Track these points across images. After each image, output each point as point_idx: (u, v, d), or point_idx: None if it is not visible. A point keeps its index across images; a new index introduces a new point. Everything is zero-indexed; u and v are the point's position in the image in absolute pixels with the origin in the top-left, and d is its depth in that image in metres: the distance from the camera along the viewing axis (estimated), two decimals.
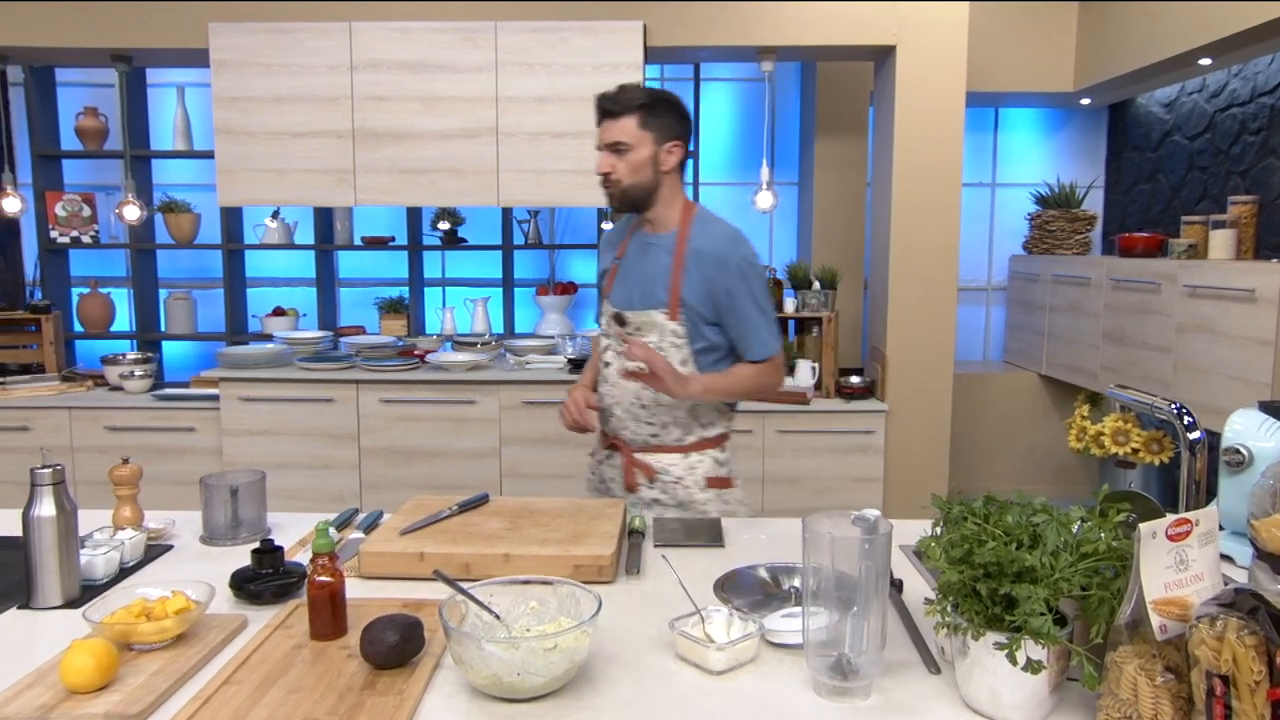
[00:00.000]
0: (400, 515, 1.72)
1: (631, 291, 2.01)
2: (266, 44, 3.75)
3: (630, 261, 2.04)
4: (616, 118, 1.92)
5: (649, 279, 1.98)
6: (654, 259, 1.98)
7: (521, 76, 3.74)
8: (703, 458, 2.04)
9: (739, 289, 1.94)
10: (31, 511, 1.38)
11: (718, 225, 1.99)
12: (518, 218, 4.82)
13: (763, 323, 1.97)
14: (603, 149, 1.96)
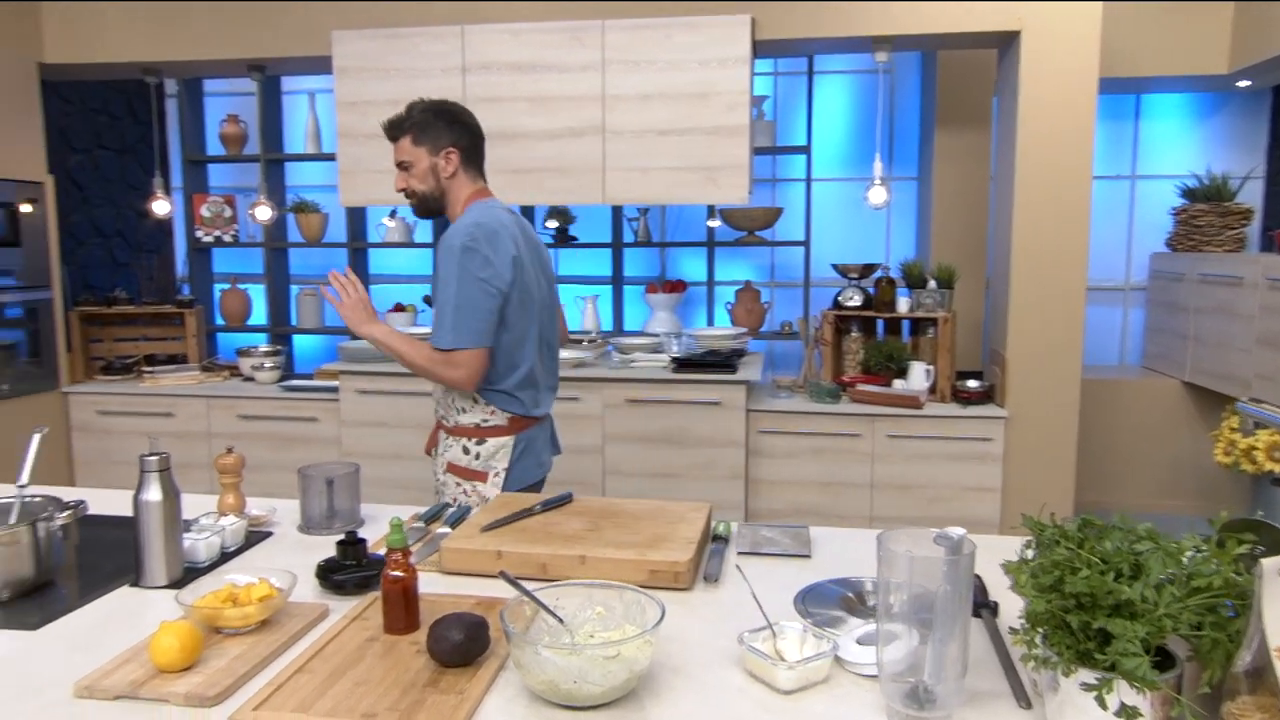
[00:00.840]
0: (485, 512, 1.74)
1: None
2: (384, 49, 3.89)
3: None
4: (396, 140, 2.18)
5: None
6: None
7: (627, 74, 3.74)
8: (454, 442, 2.20)
9: (440, 274, 2.06)
10: (140, 496, 1.46)
11: (470, 214, 2.11)
12: (627, 215, 4.83)
13: (444, 313, 2.03)
14: (397, 168, 2.20)
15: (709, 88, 3.68)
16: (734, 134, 3.70)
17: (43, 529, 1.46)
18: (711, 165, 3.73)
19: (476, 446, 2.17)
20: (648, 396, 3.75)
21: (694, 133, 3.72)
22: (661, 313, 4.72)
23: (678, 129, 3.72)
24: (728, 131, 3.69)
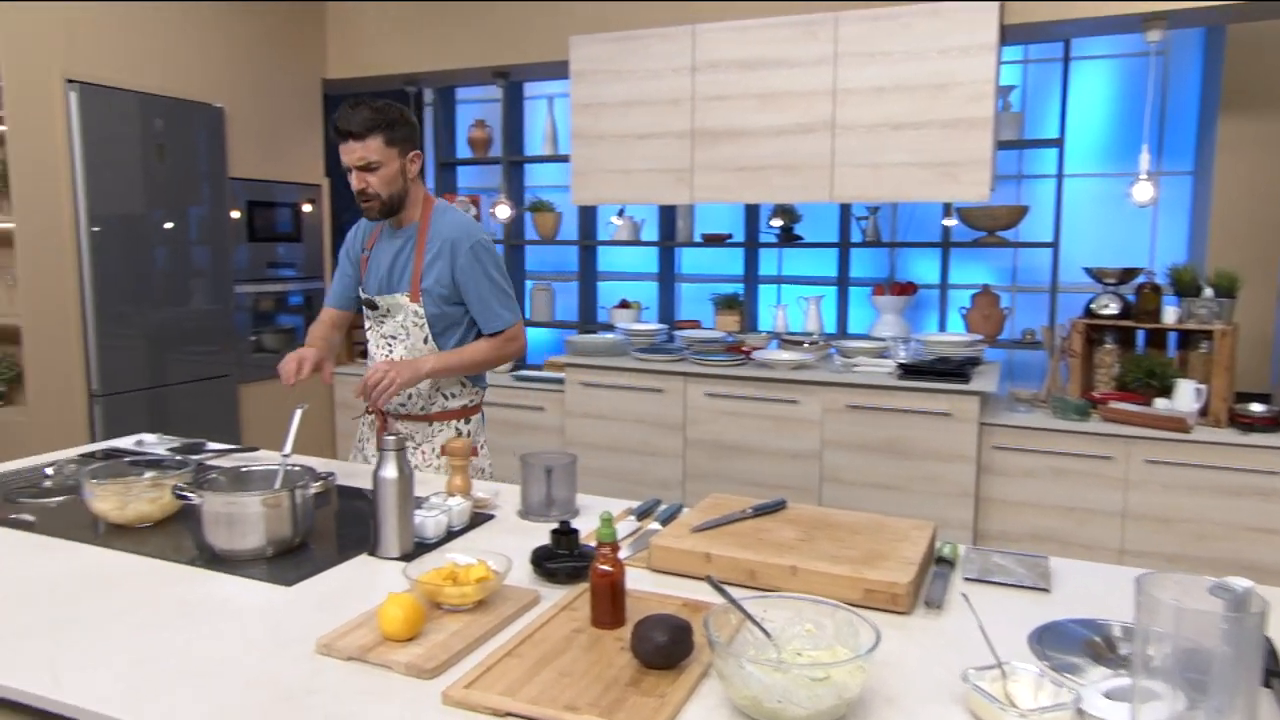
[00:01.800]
0: (696, 512, 1.72)
1: (378, 279, 2.25)
2: (617, 52, 4.00)
3: (378, 253, 2.27)
4: (362, 139, 2.05)
5: (394, 268, 2.23)
6: (398, 250, 2.23)
7: (860, 67, 3.59)
8: (444, 427, 2.28)
9: (473, 269, 2.17)
10: (379, 473, 1.57)
11: (453, 214, 2.23)
12: (856, 214, 4.66)
13: (496, 299, 2.20)
14: (352, 169, 2.09)
15: (949, 78, 3.46)
16: (976, 127, 3.45)
17: (300, 495, 1.61)
18: (949, 161, 3.50)
19: (465, 425, 2.33)
20: (871, 403, 3.59)
21: (931, 126, 3.51)
22: (889, 316, 4.51)
23: (913, 123, 3.53)
24: (968, 124, 3.45)
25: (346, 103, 2.08)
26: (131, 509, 1.72)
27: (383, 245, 2.28)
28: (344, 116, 2.06)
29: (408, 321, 2.22)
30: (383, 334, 2.29)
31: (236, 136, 4.22)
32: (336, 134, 2.08)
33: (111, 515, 1.73)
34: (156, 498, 1.74)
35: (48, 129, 3.41)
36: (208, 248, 4.09)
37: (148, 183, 3.78)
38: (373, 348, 2.33)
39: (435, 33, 4.52)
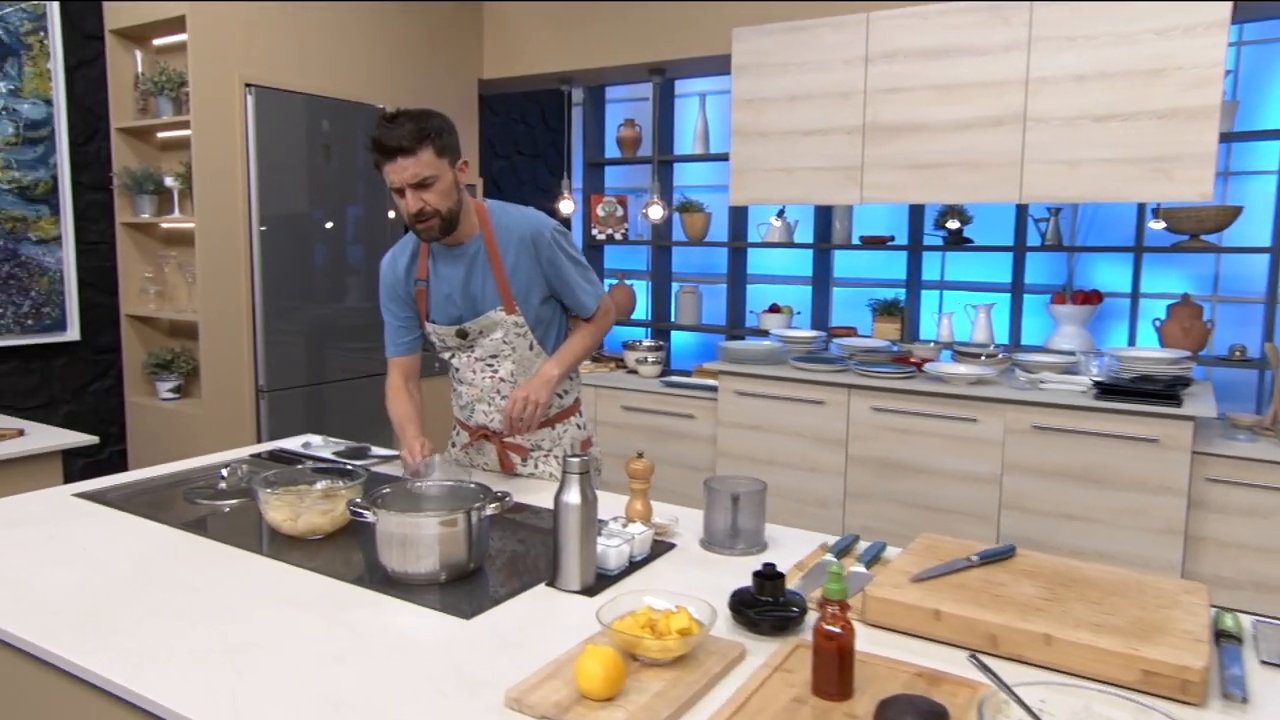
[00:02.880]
0: (908, 555, 1.50)
1: (452, 306, 2.06)
2: (784, 43, 3.78)
3: (440, 280, 2.06)
4: (412, 153, 1.84)
5: (470, 287, 2.04)
6: (467, 268, 2.03)
7: (1057, 53, 3.24)
8: (566, 426, 2.20)
9: (556, 257, 2.04)
10: (561, 497, 1.44)
11: (514, 210, 2.08)
12: (1035, 216, 4.28)
13: (585, 280, 2.10)
14: (405, 189, 1.87)
15: (1167, 62, 3.07)
16: (1197, 117, 3.05)
17: (475, 517, 1.50)
18: (1163, 155, 3.11)
19: (580, 420, 2.25)
20: (1061, 425, 3.24)
21: (1141, 117, 3.13)
22: (1069, 327, 4.11)
23: (1120, 114, 3.16)
24: (1188, 114, 3.06)
25: (381, 118, 1.86)
26: (304, 521, 1.66)
27: (443, 270, 2.05)
28: (385, 133, 1.83)
29: (509, 336, 2.06)
30: (478, 357, 2.10)
31: None
32: (379, 153, 1.84)
33: (284, 526, 1.67)
34: (329, 510, 1.68)
35: (228, 131, 3.51)
36: (365, 246, 4.14)
37: (312, 182, 3.85)
38: (468, 374, 2.13)
39: (591, 30, 4.44)
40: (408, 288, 2.11)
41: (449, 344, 2.12)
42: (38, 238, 3.51)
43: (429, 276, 2.08)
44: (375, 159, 1.87)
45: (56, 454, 2.63)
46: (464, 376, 2.14)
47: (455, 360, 2.15)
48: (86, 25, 3.61)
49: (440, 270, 2.06)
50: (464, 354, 2.11)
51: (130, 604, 1.38)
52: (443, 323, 2.09)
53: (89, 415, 3.72)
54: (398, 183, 1.86)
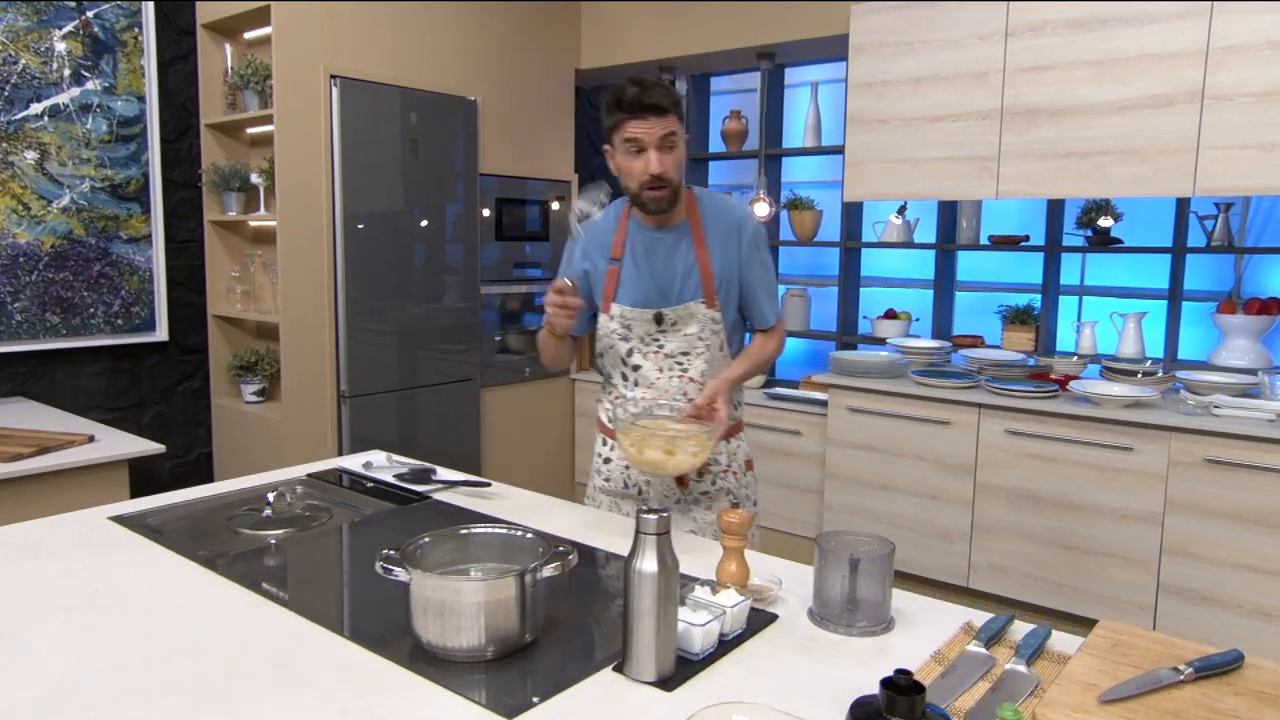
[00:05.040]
0: (1089, 656, 1.14)
1: (654, 289, 1.91)
2: (909, 19, 3.38)
3: (641, 260, 1.91)
4: (665, 114, 1.77)
5: (671, 272, 1.90)
6: (672, 251, 1.90)
7: (1248, 14, 2.74)
8: (739, 441, 2.06)
9: (755, 257, 1.93)
10: (634, 563, 1.14)
11: (720, 198, 1.97)
12: (1199, 213, 3.72)
13: (773, 289, 1.99)
14: (649, 149, 1.77)
15: None
16: None
17: (531, 582, 1.22)
18: None
19: (743, 439, 2.09)
20: (1242, 459, 2.74)
21: None
22: (1240, 340, 3.54)
23: None
24: None
25: (628, 80, 1.78)
26: (647, 455, 1.66)
27: (643, 250, 1.91)
28: (644, 90, 1.75)
29: (705, 331, 1.91)
30: (668, 354, 1.92)
31: (488, 131, 4.06)
32: (633, 109, 1.75)
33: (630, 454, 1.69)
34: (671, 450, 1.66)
35: (312, 125, 3.37)
36: (456, 245, 3.95)
37: (400, 178, 3.68)
38: (651, 372, 1.93)
39: (695, 12, 4.13)
40: (601, 266, 1.94)
41: (633, 333, 1.92)
42: (128, 236, 3.45)
43: (624, 256, 1.92)
44: (617, 118, 1.79)
45: (123, 464, 2.50)
46: (645, 376, 1.93)
47: (635, 357, 1.94)
48: (180, 20, 3.54)
49: (639, 251, 1.91)
50: (648, 348, 1.93)
51: (118, 676, 1.16)
52: (633, 305, 1.91)
53: (177, 416, 3.66)
54: (646, 141, 1.77)
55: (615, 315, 1.92)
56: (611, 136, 1.83)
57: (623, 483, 2.01)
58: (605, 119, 1.82)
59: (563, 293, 1.75)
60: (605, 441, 2.06)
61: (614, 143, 1.83)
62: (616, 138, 1.81)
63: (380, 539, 1.70)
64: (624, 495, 2.01)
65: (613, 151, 1.85)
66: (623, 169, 1.83)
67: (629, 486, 2.00)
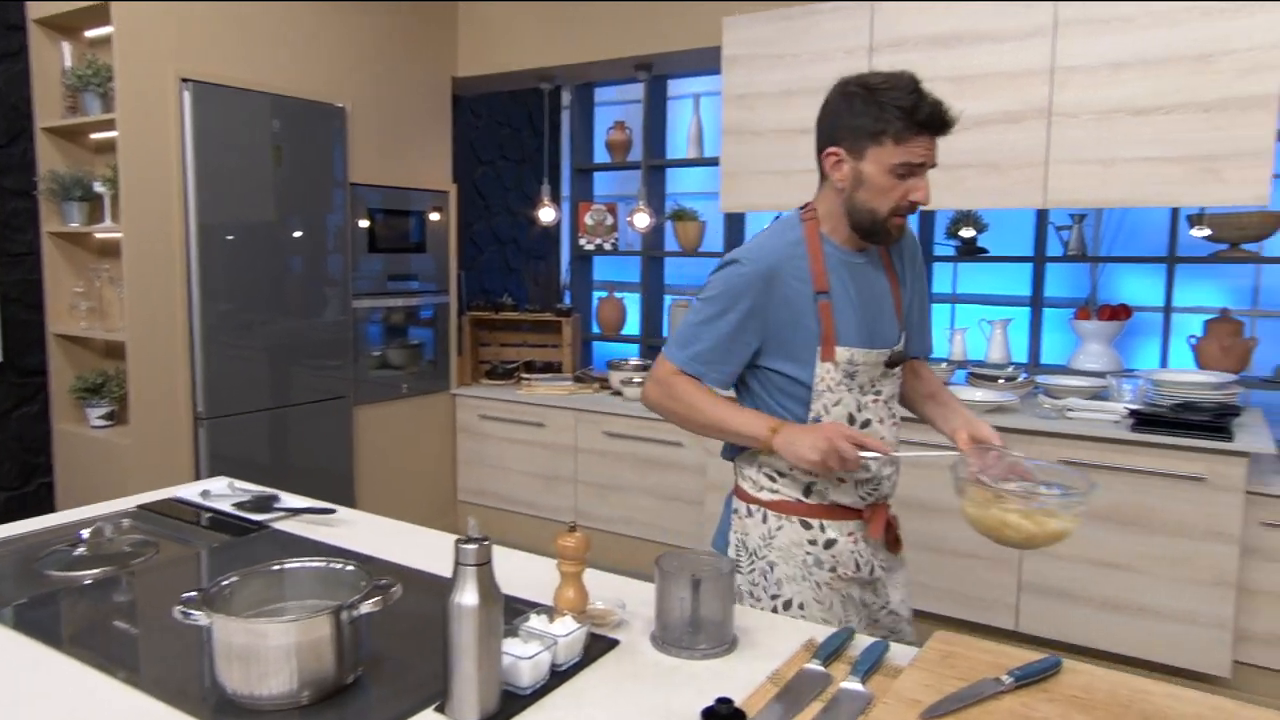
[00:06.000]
0: (919, 670, 1.13)
1: (868, 325, 1.61)
2: (779, 32, 3.43)
3: (848, 291, 1.60)
4: (942, 135, 1.51)
5: (880, 303, 1.64)
6: (873, 279, 1.64)
7: (1089, 37, 2.88)
8: None
9: (924, 275, 1.75)
10: (453, 597, 1.08)
11: None
12: (1056, 223, 3.91)
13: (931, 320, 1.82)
14: (915, 173, 1.51)
15: (1216, 46, 2.70)
16: (1251, 108, 2.67)
17: (348, 619, 1.14)
18: (1212, 154, 2.73)
19: None
20: (1094, 460, 2.86)
21: (1187, 110, 2.75)
22: (1094, 345, 3.72)
23: (1162, 106, 2.79)
24: (1241, 105, 2.68)
25: (905, 86, 1.48)
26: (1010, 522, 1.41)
27: (850, 279, 1.60)
28: (936, 105, 1.48)
29: (900, 374, 1.70)
30: (884, 400, 1.64)
31: (361, 139, 3.92)
32: (926, 123, 1.47)
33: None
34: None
35: (160, 131, 3.17)
36: (325, 258, 3.79)
37: (267, 188, 3.50)
38: (878, 427, 1.62)
39: (573, 22, 4.09)
40: (802, 300, 1.56)
41: (855, 381, 1.59)
42: None
43: (833, 288, 1.58)
44: (900, 130, 1.47)
45: None
46: (875, 432, 1.61)
47: (866, 411, 1.61)
48: (9, 15, 3.28)
49: (846, 280, 1.60)
50: (866, 397, 1.61)
51: None
52: (851, 344, 1.58)
53: (13, 444, 3.38)
54: (921, 161, 1.50)
55: (842, 361, 1.57)
56: (866, 144, 1.50)
57: (854, 564, 1.63)
58: (869, 121, 1.49)
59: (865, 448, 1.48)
60: (819, 524, 1.62)
61: (866, 153, 1.50)
62: (878, 151, 1.49)
63: (204, 577, 1.58)
64: (861, 580, 1.65)
65: (853, 160, 1.52)
66: (874, 186, 1.50)
67: (861, 568, 1.64)
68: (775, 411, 1.61)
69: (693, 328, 1.60)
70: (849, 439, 1.47)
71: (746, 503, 1.67)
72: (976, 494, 1.43)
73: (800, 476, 1.61)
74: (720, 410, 1.58)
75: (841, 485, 1.60)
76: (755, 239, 1.64)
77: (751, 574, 1.65)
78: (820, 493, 1.60)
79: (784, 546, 1.62)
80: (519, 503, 4.23)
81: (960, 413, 1.68)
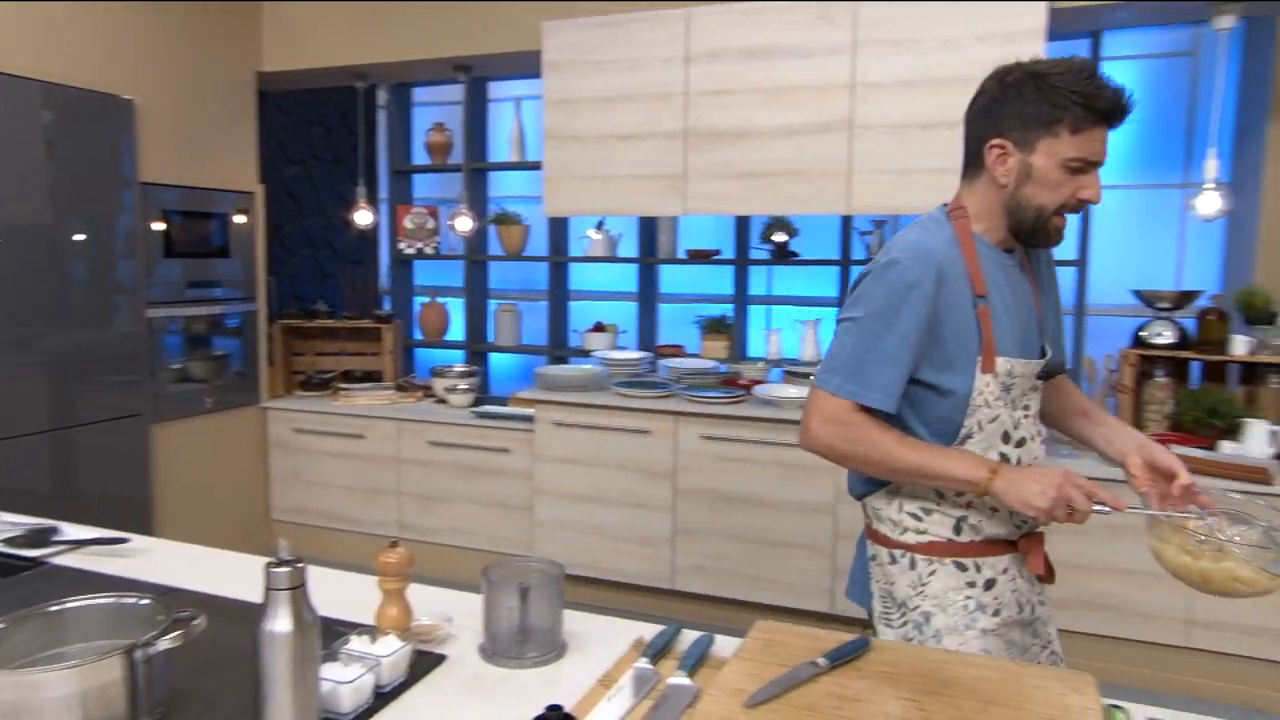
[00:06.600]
0: (742, 660, 1.18)
1: (1022, 335, 1.47)
2: (598, 39, 3.47)
3: (1003, 295, 1.45)
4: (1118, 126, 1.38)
5: (1028, 314, 1.51)
6: (1019, 282, 1.50)
7: (884, 57, 3.10)
8: None
9: (1057, 289, 1.63)
10: (265, 624, 1.01)
11: None
12: (859, 229, 4.18)
13: None
14: (1088, 169, 1.38)
15: (989, 70, 2.96)
16: None
17: (143, 659, 1.04)
18: None
19: None
20: None
21: None
22: None
23: (946, 121, 3.04)
24: None
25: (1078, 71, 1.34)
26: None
27: (1001, 284, 1.46)
28: (1118, 92, 1.34)
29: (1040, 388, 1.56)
30: (1033, 416, 1.51)
31: (153, 135, 3.61)
32: (1104, 116, 1.34)
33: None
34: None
35: None
36: (114, 263, 3.47)
37: (33, 187, 3.16)
38: (1033, 446, 1.49)
39: (389, 19, 3.96)
40: (964, 305, 1.41)
41: (1010, 395, 1.45)
42: None
43: (991, 292, 1.43)
44: (1079, 114, 1.33)
45: None
46: (1030, 451, 1.48)
47: (1022, 428, 1.47)
48: None
49: (998, 285, 1.45)
50: (1019, 412, 1.47)
51: None
52: (1009, 354, 1.43)
53: None
54: (1094, 156, 1.36)
55: (1001, 373, 1.42)
56: (1038, 134, 1.36)
57: (1016, 604, 1.47)
58: (1043, 109, 1.35)
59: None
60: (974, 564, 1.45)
61: (1038, 144, 1.37)
62: (1051, 143, 1.36)
63: None
64: (1023, 622, 1.50)
65: (1021, 153, 1.39)
66: (1044, 180, 1.37)
67: (1022, 608, 1.49)
68: (914, 431, 1.45)
69: (859, 350, 1.39)
70: (1080, 489, 1.31)
71: (888, 548, 1.50)
72: (1178, 539, 1.29)
73: (951, 511, 1.45)
74: (920, 454, 1.38)
75: (995, 515, 1.44)
76: (904, 236, 1.47)
77: (904, 628, 1.47)
78: (974, 528, 1.45)
79: (939, 594, 1.44)
80: (339, 518, 4.05)
81: (1128, 432, 1.53)
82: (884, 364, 1.37)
